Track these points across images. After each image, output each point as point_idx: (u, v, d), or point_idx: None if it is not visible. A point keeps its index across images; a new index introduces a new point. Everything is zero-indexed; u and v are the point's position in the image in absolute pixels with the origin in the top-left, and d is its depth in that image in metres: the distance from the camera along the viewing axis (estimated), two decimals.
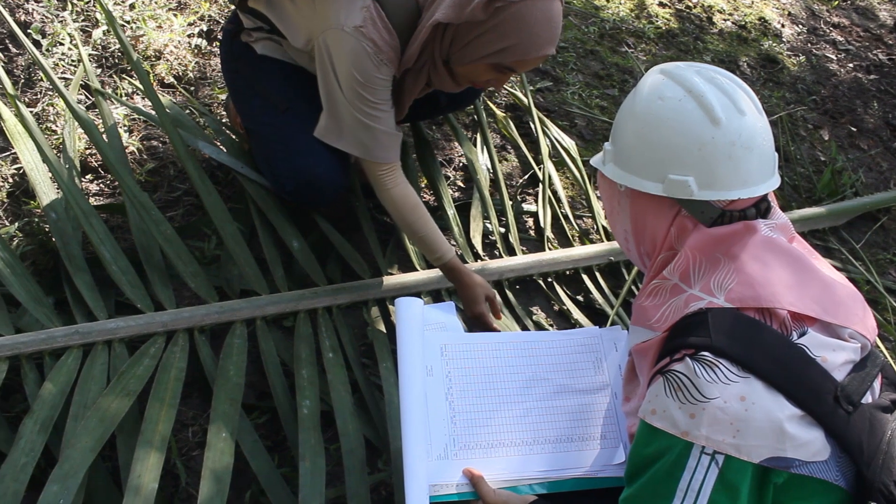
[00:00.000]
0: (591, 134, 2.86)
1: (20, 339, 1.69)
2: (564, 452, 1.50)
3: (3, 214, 2.01)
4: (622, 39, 3.44)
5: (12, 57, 2.41)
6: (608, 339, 1.69)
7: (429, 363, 1.57)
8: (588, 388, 1.60)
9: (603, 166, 1.34)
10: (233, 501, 1.58)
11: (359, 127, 1.77)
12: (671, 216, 1.26)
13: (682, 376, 1.14)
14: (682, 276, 1.25)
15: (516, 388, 1.58)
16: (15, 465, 1.46)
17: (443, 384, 1.55)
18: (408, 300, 1.65)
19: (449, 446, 1.47)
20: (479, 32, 1.66)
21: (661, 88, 1.25)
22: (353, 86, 1.71)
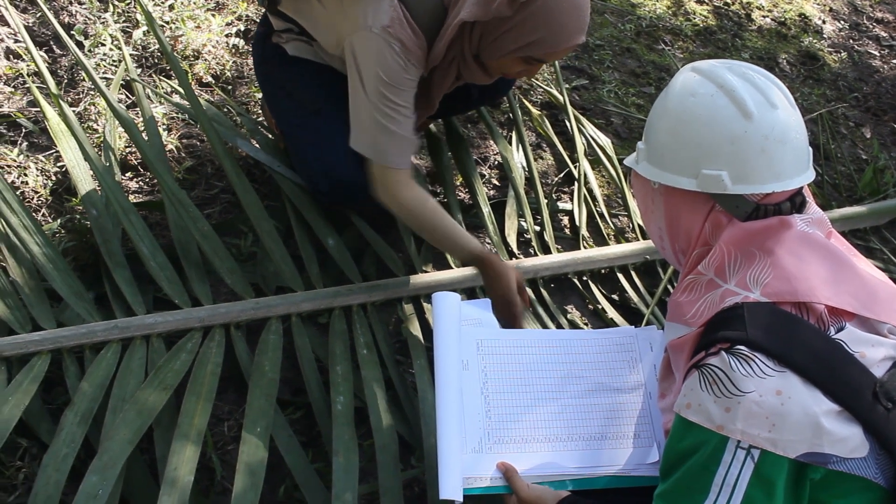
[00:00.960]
0: (627, 132, 2.84)
1: (62, 332, 1.72)
2: (598, 450, 1.49)
3: (47, 211, 2.05)
4: (659, 37, 3.41)
5: (56, 58, 2.46)
6: (644, 338, 1.68)
7: (465, 357, 1.57)
8: (623, 386, 1.60)
9: (636, 165, 1.34)
10: (266, 496, 1.59)
11: (378, 129, 1.76)
12: (705, 211, 1.26)
13: (717, 370, 1.13)
14: (717, 270, 1.24)
15: (551, 384, 1.58)
16: (56, 455, 1.49)
17: (478, 379, 1.55)
18: (445, 295, 1.66)
19: (483, 440, 1.47)
20: (507, 28, 1.66)
21: (693, 85, 1.25)
22: (377, 87, 1.71)
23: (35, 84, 2.24)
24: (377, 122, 1.75)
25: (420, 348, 1.86)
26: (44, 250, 1.81)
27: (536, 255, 2.22)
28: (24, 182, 2.09)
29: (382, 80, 1.70)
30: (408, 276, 2.03)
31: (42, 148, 2.20)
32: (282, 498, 1.64)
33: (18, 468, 1.58)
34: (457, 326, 1.60)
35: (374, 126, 1.76)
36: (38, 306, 1.76)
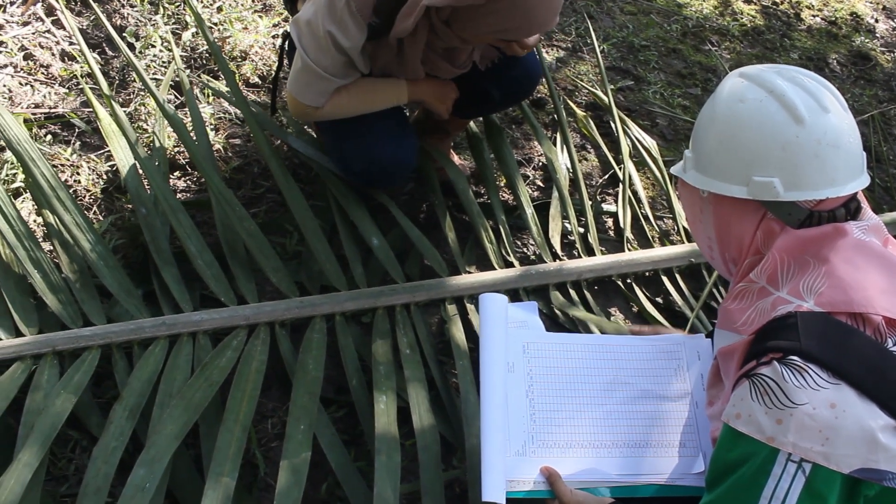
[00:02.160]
0: (672, 134, 2.81)
1: (111, 328, 1.76)
2: (642, 458, 1.48)
3: (98, 209, 2.09)
4: (705, 37, 3.37)
5: (108, 59, 2.51)
6: (691, 347, 1.66)
7: (511, 359, 1.56)
8: (669, 394, 1.58)
9: (684, 174, 1.32)
10: (309, 493, 1.60)
11: (304, 68, 1.78)
12: (757, 219, 1.24)
13: (769, 380, 1.11)
14: (769, 278, 1.22)
15: (597, 390, 1.57)
16: (106, 448, 1.52)
17: (524, 381, 1.55)
18: (492, 296, 1.65)
19: (527, 443, 1.46)
20: (479, 14, 1.67)
21: (742, 91, 1.23)
22: (321, 17, 1.71)
23: (88, 85, 2.29)
24: (305, 63, 1.77)
25: (463, 349, 1.86)
26: (95, 247, 1.85)
27: (580, 257, 2.20)
28: (76, 181, 2.14)
29: (326, 14, 1.71)
30: (451, 277, 2.03)
31: (94, 147, 2.25)
32: (324, 495, 1.65)
33: (69, 460, 1.62)
34: (503, 328, 1.60)
35: (303, 64, 1.78)
36: (89, 302, 1.79)
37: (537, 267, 2.11)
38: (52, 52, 2.48)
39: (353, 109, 1.90)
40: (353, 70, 1.81)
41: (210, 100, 2.45)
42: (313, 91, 1.82)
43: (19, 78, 2.37)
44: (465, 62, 1.95)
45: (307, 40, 1.75)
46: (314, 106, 1.84)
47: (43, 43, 2.50)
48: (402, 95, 1.94)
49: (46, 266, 1.80)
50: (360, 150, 1.95)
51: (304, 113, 1.88)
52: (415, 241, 2.08)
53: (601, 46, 3.11)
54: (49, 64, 2.43)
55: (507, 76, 2.07)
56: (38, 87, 2.36)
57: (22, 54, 2.44)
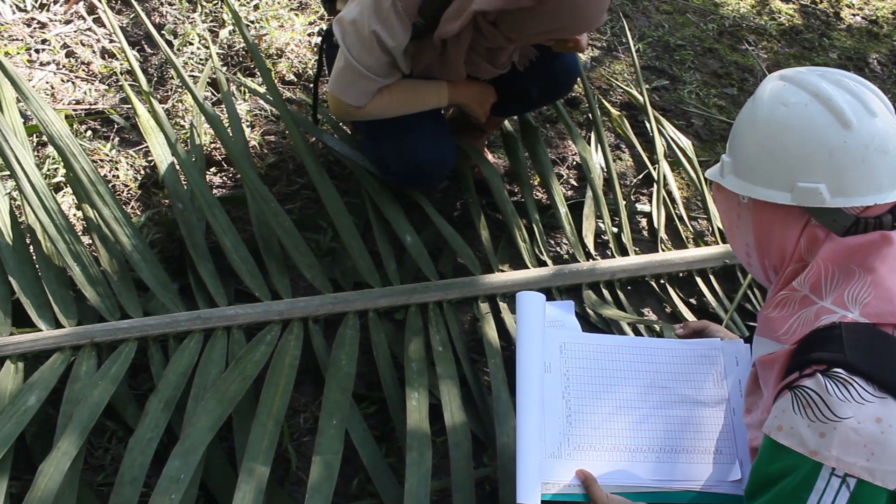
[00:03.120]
0: (708, 134, 2.79)
1: (148, 321, 1.78)
2: (678, 463, 1.45)
3: (135, 204, 2.12)
4: (742, 37, 3.33)
5: (147, 57, 2.54)
6: (729, 352, 1.62)
7: (548, 360, 1.54)
8: (706, 400, 1.55)
9: (722, 179, 1.28)
10: (340, 488, 1.61)
11: (347, 66, 1.78)
12: (800, 226, 1.20)
13: (812, 393, 1.08)
14: (812, 287, 1.19)
15: (634, 393, 1.54)
16: (142, 439, 1.54)
17: (560, 382, 1.52)
18: (530, 294, 1.61)
19: (563, 445, 1.44)
20: (528, 16, 1.66)
21: (784, 94, 1.19)
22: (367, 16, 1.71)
23: (127, 82, 2.32)
24: (349, 62, 1.77)
25: (495, 347, 1.86)
26: (132, 241, 1.88)
27: (614, 257, 2.20)
28: (115, 176, 2.17)
29: (372, 14, 1.71)
30: (484, 275, 2.03)
31: (132, 143, 2.28)
32: (355, 490, 1.66)
33: (106, 450, 1.64)
34: (541, 327, 1.57)
35: (346, 63, 1.78)
36: (127, 295, 1.82)
37: (570, 266, 2.10)
38: (92, 49, 2.52)
39: (394, 110, 1.90)
40: (396, 70, 1.82)
41: (246, 97, 2.47)
42: (355, 90, 1.82)
43: (61, 75, 2.41)
44: (506, 63, 1.95)
45: (351, 39, 1.75)
46: (356, 105, 1.85)
47: (84, 41, 2.54)
48: (443, 98, 1.94)
49: (86, 259, 1.83)
50: (398, 150, 1.95)
51: (345, 112, 1.88)
52: (448, 238, 2.08)
53: (636, 45, 3.10)
54: (90, 61, 2.47)
55: (546, 74, 2.07)
56: (79, 83, 2.40)
57: (64, 52, 2.48)
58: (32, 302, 1.76)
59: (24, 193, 1.84)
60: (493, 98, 2.05)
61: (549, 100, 2.28)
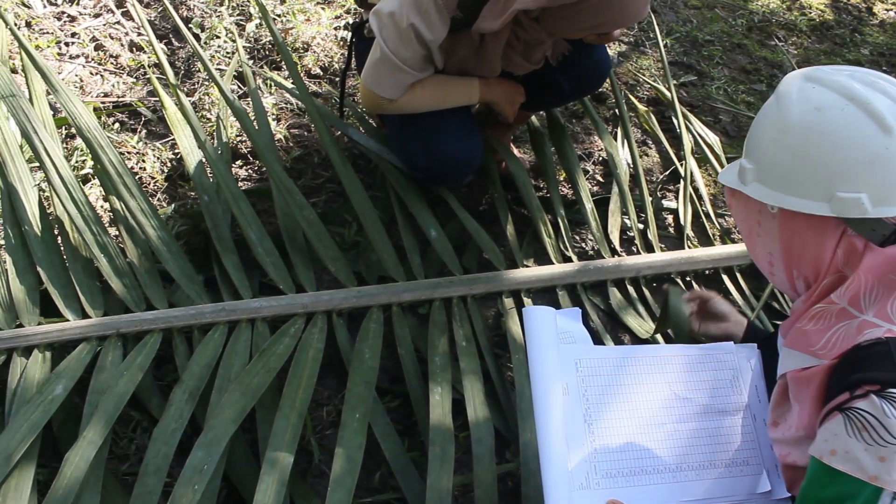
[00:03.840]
0: (736, 130, 2.76)
1: (173, 313, 1.79)
2: (707, 480, 1.40)
3: (162, 196, 2.13)
4: (772, 32, 3.29)
5: (174, 50, 2.56)
6: (743, 356, 1.56)
7: (566, 381, 1.44)
8: (727, 408, 1.49)
9: (744, 187, 1.21)
10: (363, 481, 1.61)
11: (383, 59, 1.77)
12: (836, 237, 1.15)
13: (867, 415, 1.04)
14: (851, 300, 1.13)
15: (655, 407, 1.46)
16: (166, 429, 1.55)
17: (580, 404, 1.43)
18: (538, 311, 1.49)
19: (590, 475, 1.37)
20: (570, 12, 1.65)
21: (816, 98, 1.13)
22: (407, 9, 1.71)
23: (154, 75, 2.34)
24: (384, 54, 1.76)
25: (519, 343, 1.85)
26: (158, 233, 1.89)
27: (639, 254, 2.18)
28: (141, 168, 2.18)
29: (411, 6, 1.70)
30: (509, 270, 2.02)
31: (159, 136, 2.29)
32: (377, 484, 1.66)
33: (130, 440, 1.66)
34: (554, 346, 1.46)
35: (381, 55, 1.77)
36: (152, 286, 1.83)
37: (595, 262, 2.09)
38: (121, 43, 2.53)
39: (426, 105, 1.90)
40: (430, 65, 1.81)
41: (272, 90, 2.48)
42: (389, 83, 1.82)
43: (90, 68, 2.43)
44: (540, 58, 1.94)
45: (388, 32, 1.74)
46: (388, 98, 1.84)
47: (113, 34, 2.55)
48: (474, 95, 1.94)
49: (112, 250, 1.84)
50: (426, 145, 1.95)
51: (376, 105, 1.88)
52: (473, 233, 2.07)
53: (664, 41, 3.07)
54: (118, 54, 2.49)
55: (577, 69, 2.06)
56: (108, 76, 2.42)
57: (93, 45, 2.50)
58: (60, 292, 1.78)
59: (53, 185, 1.86)
60: (522, 98, 2.06)
61: (579, 95, 2.26)
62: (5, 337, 1.68)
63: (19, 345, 1.68)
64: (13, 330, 1.71)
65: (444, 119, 1.93)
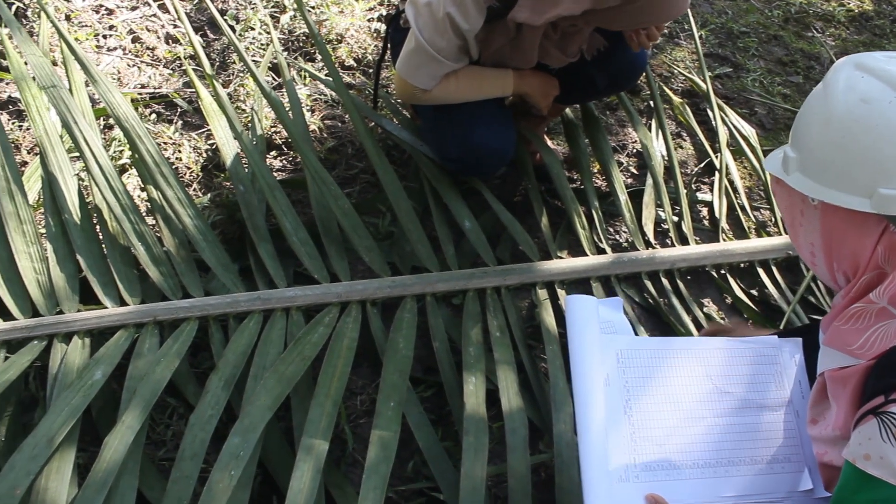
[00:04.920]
0: (772, 123, 2.73)
1: (209, 301, 1.80)
2: (748, 476, 1.37)
3: (197, 186, 2.15)
4: (809, 23, 3.25)
5: (209, 42, 2.58)
6: (787, 351, 1.52)
7: (607, 371, 1.40)
8: (769, 404, 1.45)
9: (787, 176, 1.17)
10: (396, 470, 1.62)
11: (418, 48, 1.78)
12: (877, 234, 1.10)
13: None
14: (891, 299, 1.10)
15: (696, 401, 1.42)
16: (202, 416, 1.56)
17: (621, 396, 1.40)
18: (581, 299, 1.46)
19: (630, 468, 1.33)
20: (615, 13, 1.64)
21: (864, 88, 1.07)
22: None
23: (190, 66, 2.36)
24: (420, 44, 1.76)
25: (552, 334, 1.85)
26: (195, 222, 1.90)
27: (674, 246, 2.16)
28: (178, 158, 2.20)
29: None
30: (542, 262, 2.02)
31: (195, 126, 2.31)
32: (410, 473, 1.67)
33: (167, 426, 1.68)
34: (597, 336, 1.43)
35: (416, 45, 1.77)
36: (189, 275, 1.85)
37: (630, 254, 2.08)
38: (157, 35, 2.56)
39: (460, 96, 1.90)
40: (465, 55, 1.81)
41: (306, 81, 2.49)
42: (424, 73, 1.82)
43: (127, 60, 2.45)
44: (576, 51, 1.93)
45: (424, 21, 1.74)
46: (423, 88, 1.85)
47: (149, 26, 2.58)
48: (508, 86, 1.93)
49: (150, 239, 1.86)
50: (460, 137, 1.95)
51: (410, 95, 1.88)
52: (507, 224, 2.07)
53: (699, 32, 3.04)
54: (154, 46, 2.51)
55: (613, 64, 2.04)
56: (144, 68, 2.44)
57: (130, 37, 2.53)
58: (98, 280, 1.80)
59: (92, 174, 1.88)
60: (556, 91, 2.05)
61: (614, 90, 2.25)
62: (47, 323, 1.71)
63: (60, 331, 1.71)
64: (54, 316, 1.73)
65: (477, 110, 1.93)
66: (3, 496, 1.38)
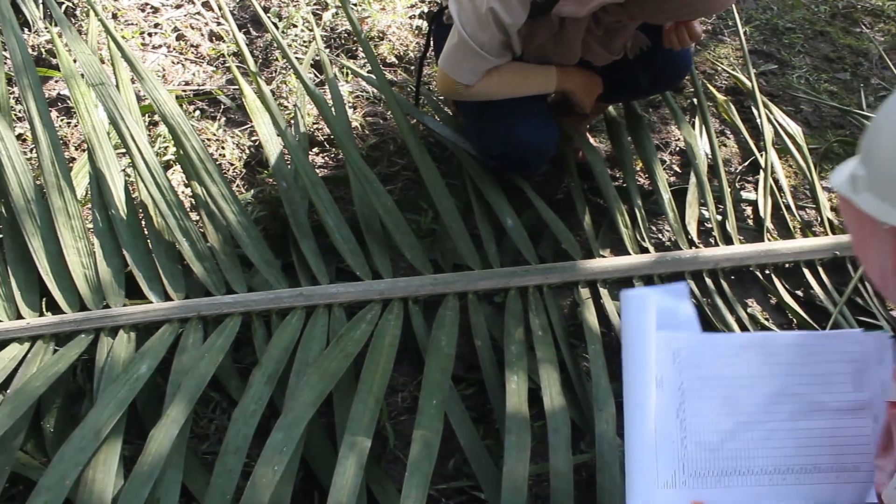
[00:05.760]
0: (818, 121, 2.68)
1: (252, 297, 1.82)
2: (809, 485, 1.29)
3: (241, 183, 2.17)
4: (857, 19, 3.19)
5: (252, 39, 2.60)
6: (872, 347, 1.36)
7: (660, 372, 1.33)
8: (844, 407, 1.32)
9: (855, 195, 1.04)
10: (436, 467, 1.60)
11: (460, 43, 1.77)
12: None
13: None
14: None
15: (759, 403, 1.33)
16: (245, 411, 1.58)
17: (674, 398, 1.32)
18: (637, 296, 1.37)
19: (677, 473, 1.28)
20: (657, 6, 1.62)
21: None
22: None
23: (234, 63, 2.38)
24: (462, 39, 1.76)
25: (595, 333, 1.83)
26: (238, 219, 1.92)
27: (717, 246, 2.13)
28: (221, 154, 2.22)
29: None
30: (585, 260, 2.00)
31: (237, 123, 2.33)
32: (451, 471, 1.67)
33: (210, 420, 1.69)
34: (651, 334, 1.34)
35: (459, 40, 1.77)
36: (232, 271, 1.86)
37: (673, 253, 2.06)
38: (201, 32, 2.58)
39: (503, 92, 1.89)
40: (508, 51, 1.80)
41: (348, 78, 2.50)
42: (466, 68, 1.81)
43: (172, 57, 2.48)
44: (620, 48, 1.91)
45: (467, 16, 1.74)
46: (465, 84, 1.84)
47: (193, 24, 2.61)
48: (551, 83, 1.92)
49: (194, 235, 1.88)
50: (502, 133, 1.94)
51: (453, 90, 1.88)
52: (549, 222, 2.06)
53: (743, 29, 3.00)
54: (198, 44, 2.54)
55: (657, 63, 2.01)
56: (189, 65, 2.47)
57: (175, 35, 2.56)
58: (144, 275, 1.82)
59: (138, 170, 1.90)
60: (600, 89, 2.03)
61: (658, 90, 2.23)
62: (94, 317, 1.74)
63: (106, 325, 1.73)
64: (101, 310, 1.76)
65: (520, 107, 1.92)
66: (53, 486, 1.41)
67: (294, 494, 1.51)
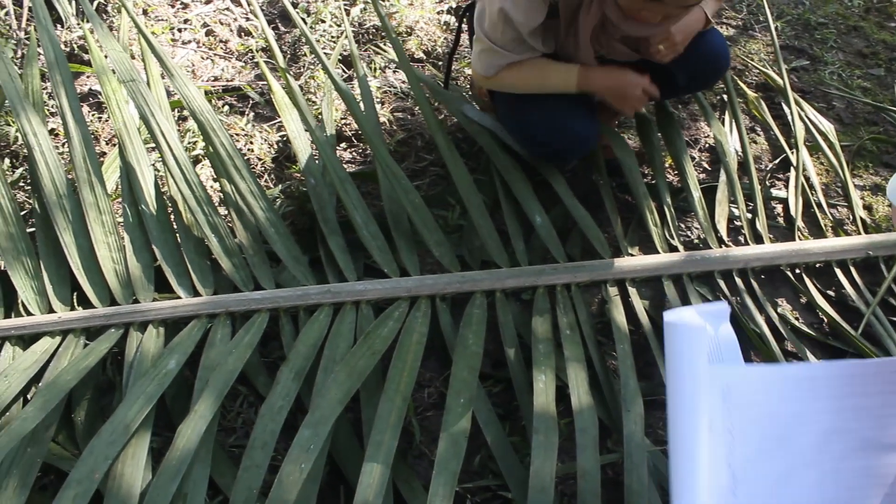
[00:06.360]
0: (851, 118, 2.64)
1: (279, 293, 1.82)
2: None
3: (269, 178, 2.17)
4: (892, 13, 3.13)
5: (280, 35, 2.60)
6: None
7: (710, 416, 1.20)
8: (894, 441, 1.22)
9: None
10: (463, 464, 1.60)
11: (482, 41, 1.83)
12: None
13: None
14: None
15: (811, 443, 1.22)
16: (273, 406, 1.58)
17: (724, 443, 1.21)
18: (686, 326, 1.22)
19: None
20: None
21: None
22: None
23: (262, 59, 2.38)
24: (478, 35, 1.83)
25: (623, 332, 1.82)
26: (266, 214, 1.92)
27: (747, 244, 2.11)
28: (249, 150, 2.23)
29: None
30: (613, 259, 1.98)
31: (266, 118, 2.34)
32: (477, 468, 1.66)
33: (237, 414, 1.70)
34: (703, 378, 1.21)
35: (478, 35, 1.84)
36: (260, 267, 1.87)
37: (702, 252, 2.03)
38: (230, 28, 2.59)
39: (522, 87, 1.91)
40: (526, 47, 1.81)
41: (376, 74, 2.49)
42: (485, 61, 1.86)
43: (201, 53, 2.49)
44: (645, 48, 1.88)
45: (485, 13, 1.79)
46: (483, 75, 1.89)
47: (222, 20, 2.62)
48: (571, 82, 1.88)
49: (222, 230, 1.89)
50: (548, 120, 1.94)
51: (478, 78, 1.93)
52: (578, 220, 2.04)
53: (775, 24, 2.96)
54: (227, 39, 2.55)
55: (693, 60, 1.98)
56: (218, 61, 2.48)
57: (204, 31, 2.57)
58: (173, 270, 1.84)
59: (168, 165, 1.91)
60: (636, 92, 1.88)
61: (695, 88, 2.19)
62: (123, 312, 1.75)
63: (136, 320, 1.75)
64: (130, 305, 1.77)
65: (564, 95, 1.91)
66: (84, 479, 1.42)
67: (320, 490, 1.51)
